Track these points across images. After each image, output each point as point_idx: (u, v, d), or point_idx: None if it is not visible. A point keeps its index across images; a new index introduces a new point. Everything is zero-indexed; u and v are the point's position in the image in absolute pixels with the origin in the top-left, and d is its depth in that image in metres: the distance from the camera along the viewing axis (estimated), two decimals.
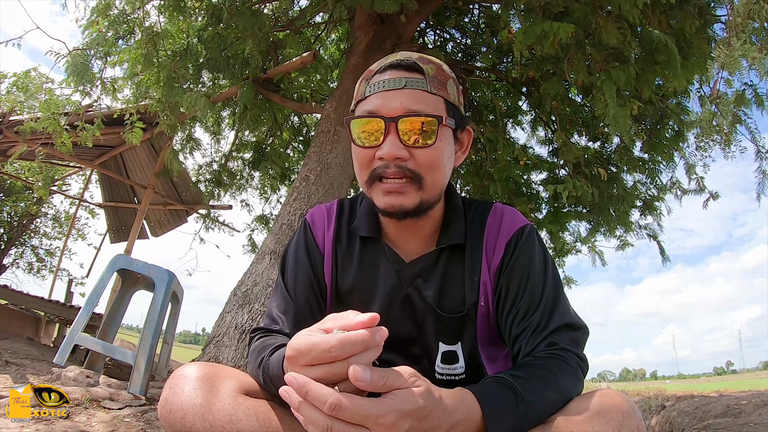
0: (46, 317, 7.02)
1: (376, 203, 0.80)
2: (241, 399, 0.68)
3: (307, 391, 0.47)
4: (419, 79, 0.78)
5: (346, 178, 3.33)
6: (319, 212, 0.96)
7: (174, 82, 3.28)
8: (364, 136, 0.78)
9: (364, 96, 0.80)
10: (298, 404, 0.48)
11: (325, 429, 0.46)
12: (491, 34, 4.43)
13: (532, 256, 0.83)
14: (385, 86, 0.77)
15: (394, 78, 0.78)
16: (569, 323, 0.77)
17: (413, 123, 0.74)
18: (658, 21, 2.62)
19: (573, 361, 0.72)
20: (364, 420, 0.47)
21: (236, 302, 2.71)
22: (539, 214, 4.73)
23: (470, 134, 0.90)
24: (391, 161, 0.75)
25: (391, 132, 0.75)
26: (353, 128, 0.79)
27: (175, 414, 0.65)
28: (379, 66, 0.81)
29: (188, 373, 0.69)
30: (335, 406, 0.46)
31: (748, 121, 3.02)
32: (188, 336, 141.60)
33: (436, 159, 0.77)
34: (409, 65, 0.79)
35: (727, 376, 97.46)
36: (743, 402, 2.78)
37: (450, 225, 0.87)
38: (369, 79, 0.81)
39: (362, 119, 0.78)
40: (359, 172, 0.82)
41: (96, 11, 3.16)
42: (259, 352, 0.77)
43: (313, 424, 0.47)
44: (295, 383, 0.48)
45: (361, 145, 0.78)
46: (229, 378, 0.70)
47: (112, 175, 6.96)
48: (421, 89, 0.77)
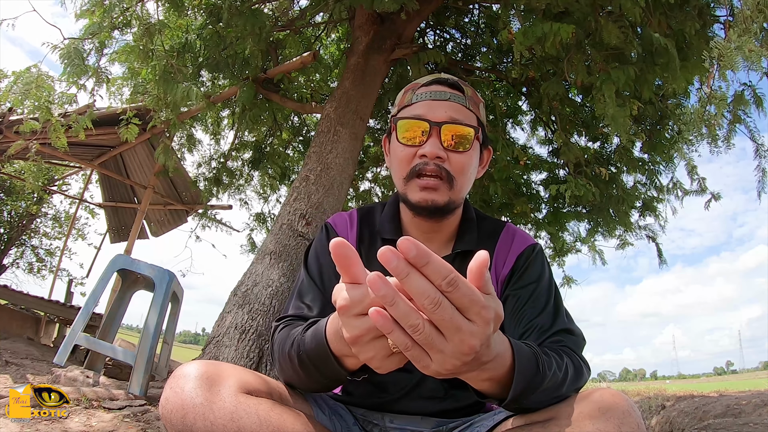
0: (46, 317, 7.02)
1: (410, 198, 0.88)
2: (242, 397, 0.68)
3: (429, 261, 0.43)
4: (460, 96, 0.90)
5: (346, 178, 3.34)
6: (340, 218, 1.03)
7: (170, 77, 3.25)
8: (409, 136, 0.88)
9: (410, 103, 0.91)
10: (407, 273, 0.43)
11: (434, 301, 0.43)
12: (491, 34, 4.43)
13: (541, 271, 0.91)
14: (431, 96, 0.89)
15: (440, 91, 0.90)
16: (571, 329, 0.84)
17: (454, 130, 0.86)
18: (658, 22, 2.62)
19: (576, 359, 0.77)
20: (471, 305, 0.45)
21: (236, 302, 2.71)
22: (539, 214, 4.73)
23: (490, 153, 1.01)
24: (432, 159, 0.85)
25: (433, 135, 0.86)
26: (399, 128, 0.89)
27: (176, 413, 0.65)
28: (426, 80, 0.93)
29: (188, 371, 0.69)
30: (454, 281, 0.44)
31: (747, 120, 3.03)
32: (188, 336, 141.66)
33: (467, 164, 0.88)
34: (453, 83, 0.92)
35: (727, 376, 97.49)
36: (743, 402, 2.78)
37: (465, 233, 0.95)
38: (415, 90, 0.93)
39: (410, 120, 0.88)
40: (399, 168, 0.90)
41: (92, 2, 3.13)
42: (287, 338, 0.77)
43: (422, 294, 0.43)
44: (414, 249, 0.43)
45: (405, 143, 0.88)
46: (230, 376, 0.70)
47: (112, 175, 6.95)
48: (461, 104, 0.89)
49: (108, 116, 4.40)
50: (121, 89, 3.86)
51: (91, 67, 3.23)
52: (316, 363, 0.69)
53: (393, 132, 0.91)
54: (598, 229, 4.48)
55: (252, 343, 2.55)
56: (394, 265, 0.43)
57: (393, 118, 0.92)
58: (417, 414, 0.87)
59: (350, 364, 0.66)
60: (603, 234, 4.53)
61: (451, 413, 0.87)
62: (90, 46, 3.22)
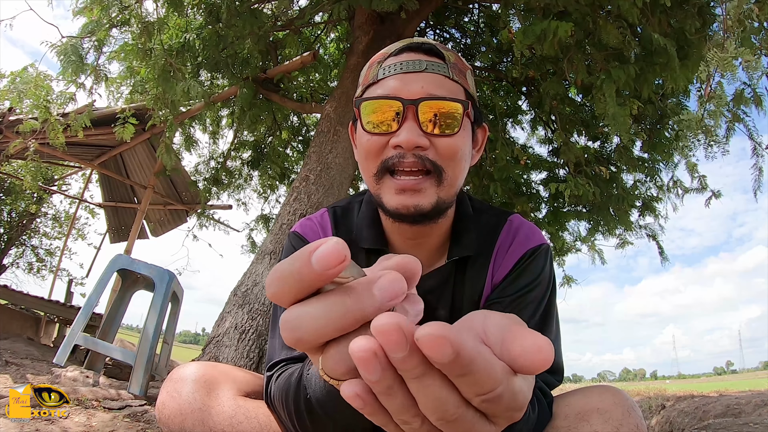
0: (46, 317, 7.02)
1: (385, 203, 0.68)
2: (241, 401, 0.67)
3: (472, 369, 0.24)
4: (440, 64, 0.69)
5: (346, 178, 3.33)
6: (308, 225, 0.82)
7: (169, 75, 3.24)
8: (377, 120, 0.67)
9: (377, 79, 0.70)
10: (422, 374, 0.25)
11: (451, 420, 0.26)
12: (491, 33, 4.43)
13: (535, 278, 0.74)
14: (403, 68, 0.68)
15: (413, 60, 0.69)
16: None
17: (436, 107, 0.65)
18: (658, 21, 2.62)
19: (542, 405, 0.63)
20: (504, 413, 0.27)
21: (236, 302, 2.71)
22: (539, 213, 4.73)
23: (485, 132, 0.80)
24: (409, 150, 0.65)
25: (409, 117, 0.65)
26: (363, 111, 0.68)
27: (174, 419, 0.63)
28: (394, 48, 0.72)
29: (186, 374, 0.67)
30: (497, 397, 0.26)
31: (746, 119, 3.03)
32: (188, 336, 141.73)
33: (458, 150, 0.67)
34: (429, 48, 0.71)
35: (727, 376, 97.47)
36: (743, 402, 2.78)
37: (461, 235, 0.77)
38: (381, 62, 0.71)
39: (375, 101, 0.67)
40: (366, 163, 0.70)
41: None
42: (288, 387, 0.62)
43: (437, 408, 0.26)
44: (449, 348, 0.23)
45: (371, 131, 0.67)
46: (228, 379, 0.69)
47: (112, 174, 6.95)
48: (442, 74, 0.68)
49: (108, 116, 4.39)
50: (120, 88, 3.86)
51: (90, 65, 3.22)
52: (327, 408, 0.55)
53: (357, 118, 0.71)
54: (598, 229, 4.48)
55: (252, 344, 2.55)
56: (409, 364, 0.24)
57: (356, 99, 0.71)
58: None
59: None
60: (603, 233, 4.53)
61: None
62: (88, 44, 3.22)
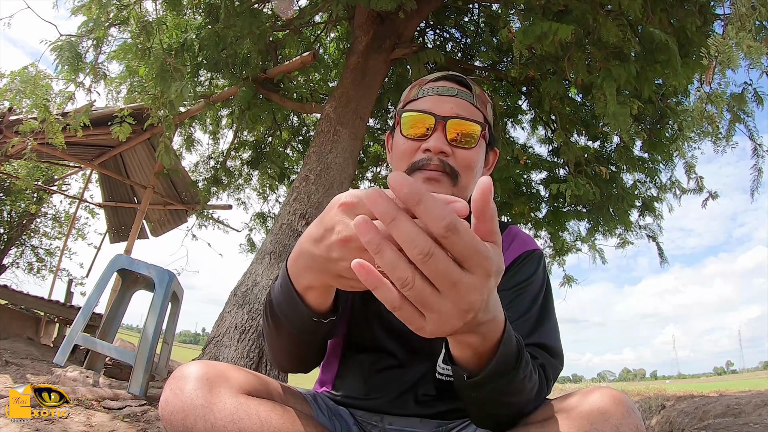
0: (46, 317, 7.02)
1: None
2: (243, 399, 0.67)
3: (421, 200, 0.37)
4: (468, 93, 0.88)
5: (346, 178, 3.33)
6: None
7: (168, 75, 3.24)
8: (414, 130, 0.85)
9: (417, 98, 0.89)
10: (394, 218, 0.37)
11: (424, 251, 0.37)
12: (491, 33, 4.43)
13: (532, 274, 0.86)
14: (438, 92, 0.87)
15: (447, 86, 0.88)
16: (551, 347, 0.77)
17: (460, 125, 0.83)
18: (659, 19, 2.62)
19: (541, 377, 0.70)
20: (472, 254, 0.39)
21: (236, 302, 2.71)
22: (539, 213, 4.73)
23: (496, 155, 0.97)
24: (435, 154, 0.82)
25: (438, 129, 0.83)
26: (404, 121, 0.86)
27: (177, 415, 0.64)
28: (434, 76, 0.91)
29: (188, 373, 0.68)
30: (452, 225, 0.37)
31: (746, 120, 3.02)
32: (188, 336, 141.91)
33: (473, 161, 0.84)
34: (461, 80, 0.90)
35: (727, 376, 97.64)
36: (743, 402, 2.78)
37: None
38: (422, 85, 0.91)
39: (415, 113, 0.85)
40: (399, 162, 0.86)
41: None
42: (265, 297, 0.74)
43: (410, 242, 0.37)
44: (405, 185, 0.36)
45: (409, 137, 0.85)
46: (230, 377, 0.70)
47: (112, 174, 6.95)
48: (468, 101, 0.87)
49: (107, 116, 4.39)
50: (119, 87, 3.85)
51: (88, 64, 3.21)
52: (283, 307, 0.66)
53: (397, 126, 0.88)
54: (598, 228, 4.48)
55: (252, 343, 2.55)
56: (381, 208, 0.37)
57: (398, 111, 0.90)
58: (414, 416, 0.87)
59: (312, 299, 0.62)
60: (603, 233, 4.53)
61: (449, 414, 0.86)
62: (87, 43, 3.21)
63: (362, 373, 0.90)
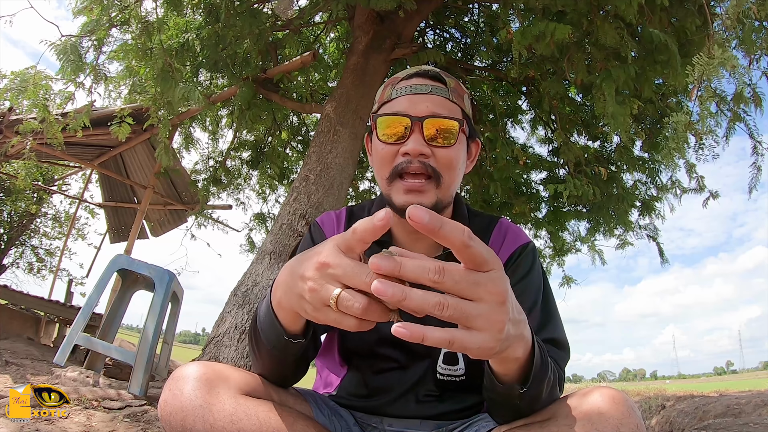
0: (46, 317, 7.02)
1: (394, 201, 0.83)
2: (242, 399, 0.68)
3: (402, 267, 0.42)
4: (442, 88, 0.85)
5: (346, 178, 3.33)
6: (327, 217, 1.00)
7: (168, 75, 3.24)
8: (390, 133, 0.83)
9: (390, 98, 0.86)
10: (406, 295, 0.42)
11: (438, 304, 0.42)
12: (491, 33, 4.43)
13: (530, 269, 0.87)
14: (412, 90, 0.84)
15: (420, 84, 0.85)
16: (558, 340, 0.81)
17: (437, 124, 0.81)
18: (659, 19, 2.62)
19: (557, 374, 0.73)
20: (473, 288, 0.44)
21: (236, 302, 2.71)
22: (539, 213, 4.73)
23: (478, 146, 0.96)
24: (415, 157, 0.81)
25: (415, 131, 0.81)
26: (379, 126, 0.84)
27: (176, 416, 0.65)
28: (405, 74, 0.88)
29: (187, 373, 0.68)
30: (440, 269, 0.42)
31: (746, 118, 3.02)
32: (188, 336, 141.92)
33: (454, 159, 0.83)
34: (434, 75, 0.87)
35: (727, 376, 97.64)
36: (743, 402, 2.78)
37: None
38: (395, 84, 0.88)
39: (390, 117, 0.83)
40: (380, 168, 0.85)
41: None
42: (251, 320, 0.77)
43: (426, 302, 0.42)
44: (384, 263, 0.42)
45: (386, 141, 0.83)
46: (229, 378, 0.70)
47: (112, 174, 6.95)
48: (443, 97, 0.84)
49: (107, 116, 4.39)
50: (119, 88, 3.85)
51: (89, 64, 3.21)
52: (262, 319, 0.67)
53: (374, 130, 0.86)
54: (598, 229, 4.48)
55: None
56: (390, 293, 0.42)
57: (373, 115, 0.87)
58: (414, 417, 0.86)
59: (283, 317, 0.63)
60: (603, 233, 4.53)
61: (449, 415, 0.86)
62: (88, 43, 3.21)
63: (363, 375, 0.90)
